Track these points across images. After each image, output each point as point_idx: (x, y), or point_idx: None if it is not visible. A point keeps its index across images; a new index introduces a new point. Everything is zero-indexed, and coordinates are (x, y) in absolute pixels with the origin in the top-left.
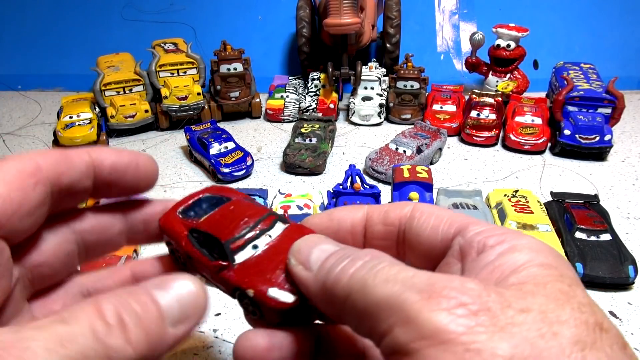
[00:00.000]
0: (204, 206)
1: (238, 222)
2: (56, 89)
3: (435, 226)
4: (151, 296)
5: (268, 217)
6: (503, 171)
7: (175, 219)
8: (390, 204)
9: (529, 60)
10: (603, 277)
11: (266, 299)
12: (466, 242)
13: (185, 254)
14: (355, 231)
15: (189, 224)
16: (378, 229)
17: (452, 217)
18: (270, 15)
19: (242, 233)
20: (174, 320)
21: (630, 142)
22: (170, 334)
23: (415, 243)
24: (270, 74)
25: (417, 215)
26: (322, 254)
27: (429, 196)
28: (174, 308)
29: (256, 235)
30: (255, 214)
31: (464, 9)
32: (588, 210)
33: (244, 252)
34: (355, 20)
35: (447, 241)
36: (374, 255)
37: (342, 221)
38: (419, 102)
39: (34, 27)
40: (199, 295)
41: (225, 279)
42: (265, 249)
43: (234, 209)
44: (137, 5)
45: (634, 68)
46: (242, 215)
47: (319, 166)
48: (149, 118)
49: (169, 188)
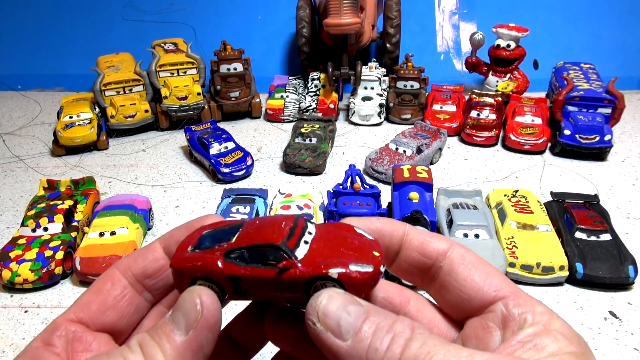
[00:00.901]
0: (220, 234)
1: (278, 226)
2: (56, 89)
3: (477, 282)
4: (164, 319)
5: (299, 218)
6: (503, 171)
7: (193, 255)
8: (430, 234)
9: (529, 60)
10: (603, 277)
11: (352, 275)
12: (509, 313)
13: (229, 277)
14: (391, 248)
15: (217, 250)
16: (412, 255)
17: (492, 277)
18: (270, 15)
19: (290, 233)
20: (182, 328)
21: (630, 142)
22: (182, 340)
23: (450, 288)
24: (270, 74)
25: (459, 261)
26: (354, 321)
27: (429, 196)
28: (179, 317)
29: (302, 232)
30: (287, 219)
31: (464, 9)
32: (588, 210)
33: (300, 249)
34: (355, 20)
35: (485, 302)
36: (412, 327)
37: (382, 233)
38: (419, 102)
39: (34, 27)
40: (197, 302)
41: (294, 277)
42: (314, 242)
43: (261, 222)
44: (137, 5)
45: (634, 68)
46: (277, 222)
47: (319, 166)
48: (149, 118)
49: (168, 188)
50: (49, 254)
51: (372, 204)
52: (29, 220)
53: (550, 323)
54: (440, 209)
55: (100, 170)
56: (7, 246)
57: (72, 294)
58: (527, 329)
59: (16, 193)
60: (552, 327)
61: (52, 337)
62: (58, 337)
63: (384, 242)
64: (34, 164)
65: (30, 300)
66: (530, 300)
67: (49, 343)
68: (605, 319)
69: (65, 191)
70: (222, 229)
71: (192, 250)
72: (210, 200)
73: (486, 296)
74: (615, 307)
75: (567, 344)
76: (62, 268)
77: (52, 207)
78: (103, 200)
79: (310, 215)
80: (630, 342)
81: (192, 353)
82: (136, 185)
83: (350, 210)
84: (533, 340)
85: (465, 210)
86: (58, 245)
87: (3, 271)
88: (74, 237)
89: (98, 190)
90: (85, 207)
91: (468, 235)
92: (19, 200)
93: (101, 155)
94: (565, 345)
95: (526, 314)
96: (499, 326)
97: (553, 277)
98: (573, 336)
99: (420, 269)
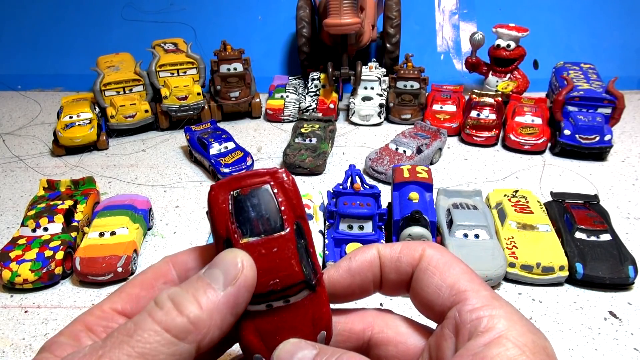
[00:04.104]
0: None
1: (268, 280)
2: (56, 89)
3: (437, 287)
4: (197, 274)
5: (299, 284)
6: (503, 171)
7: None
8: (399, 246)
9: (529, 60)
10: (603, 277)
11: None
12: (461, 319)
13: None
14: (376, 277)
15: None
16: (392, 278)
17: (456, 279)
18: (270, 15)
19: (266, 292)
20: (220, 283)
21: (630, 142)
22: (220, 295)
23: (418, 294)
24: (270, 74)
25: (426, 266)
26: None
27: (429, 196)
28: (217, 273)
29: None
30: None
31: (464, 9)
32: (588, 210)
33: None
34: (355, 20)
35: (445, 307)
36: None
37: (362, 269)
38: (419, 102)
39: (34, 27)
40: (238, 260)
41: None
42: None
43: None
44: (137, 5)
45: (634, 68)
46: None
47: (319, 166)
48: (149, 118)
49: (168, 188)
50: (49, 254)
51: (372, 204)
52: (29, 221)
53: (505, 329)
54: (440, 209)
55: (100, 170)
56: (7, 246)
57: (72, 294)
58: (478, 338)
59: (16, 193)
60: (506, 334)
61: (97, 325)
62: (104, 328)
63: (368, 278)
64: (34, 164)
65: (30, 300)
66: (489, 302)
67: (92, 330)
68: (605, 319)
69: (65, 191)
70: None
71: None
72: None
73: (445, 301)
74: (615, 307)
75: (517, 354)
76: (62, 268)
77: (52, 207)
78: (103, 200)
79: (311, 216)
80: (630, 342)
81: (229, 309)
82: (136, 185)
83: (350, 211)
84: (483, 352)
85: (465, 211)
86: (58, 246)
87: (3, 271)
88: (74, 237)
89: (98, 190)
90: (85, 207)
91: (468, 235)
92: (19, 200)
93: (101, 155)
94: (516, 355)
95: (481, 319)
96: (453, 333)
97: (553, 277)
98: (526, 343)
99: (403, 285)
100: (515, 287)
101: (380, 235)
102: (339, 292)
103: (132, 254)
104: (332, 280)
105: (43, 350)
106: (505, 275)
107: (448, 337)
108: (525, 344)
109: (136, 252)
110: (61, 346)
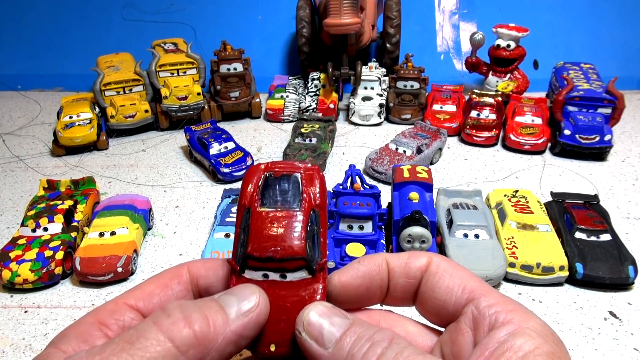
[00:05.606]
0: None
1: (269, 245)
2: (56, 89)
3: (449, 287)
4: (212, 297)
5: (298, 260)
6: (503, 171)
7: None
8: (407, 255)
9: (529, 60)
10: (603, 277)
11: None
12: (480, 313)
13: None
14: (383, 284)
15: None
16: (400, 282)
17: (466, 281)
18: (270, 15)
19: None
20: (234, 311)
21: (630, 142)
22: (231, 321)
23: (427, 298)
24: (270, 74)
25: (435, 271)
26: (336, 331)
27: (429, 196)
28: (232, 301)
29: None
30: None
31: (464, 9)
32: (588, 211)
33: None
34: (355, 20)
35: (460, 305)
36: (391, 338)
37: (371, 275)
38: (419, 102)
39: (34, 27)
40: (257, 295)
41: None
42: (273, 285)
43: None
44: (137, 5)
45: (634, 68)
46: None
47: (319, 166)
48: (149, 118)
49: (168, 188)
50: (49, 254)
51: (372, 204)
52: (29, 221)
53: (524, 321)
54: (440, 209)
55: (100, 170)
56: (7, 246)
57: (72, 294)
58: (501, 329)
59: (16, 193)
60: (526, 325)
61: (109, 319)
62: (116, 320)
63: (376, 282)
64: (34, 164)
65: (30, 300)
66: (503, 299)
67: (104, 323)
68: (605, 319)
69: (65, 191)
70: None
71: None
72: (210, 201)
73: (459, 299)
74: (615, 307)
75: (542, 342)
76: (62, 268)
77: (52, 207)
78: (103, 200)
79: None
80: (630, 342)
81: (235, 337)
82: (136, 185)
83: (350, 211)
84: (508, 341)
85: (465, 211)
86: (58, 246)
87: (3, 271)
88: (74, 237)
89: (98, 190)
90: (85, 207)
91: (468, 236)
92: (19, 200)
93: (101, 155)
94: (541, 343)
95: (498, 313)
96: (471, 327)
97: (553, 277)
98: (548, 334)
99: (410, 291)
100: (515, 287)
101: (380, 235)
102: (345, 296)
103: (132, 254)
104: (340, 282)
105: (51, 344)
106: (505, 275)
107: (465, 331)
108: (546, 334)
109: (136, 252)
110: (68, 341)
